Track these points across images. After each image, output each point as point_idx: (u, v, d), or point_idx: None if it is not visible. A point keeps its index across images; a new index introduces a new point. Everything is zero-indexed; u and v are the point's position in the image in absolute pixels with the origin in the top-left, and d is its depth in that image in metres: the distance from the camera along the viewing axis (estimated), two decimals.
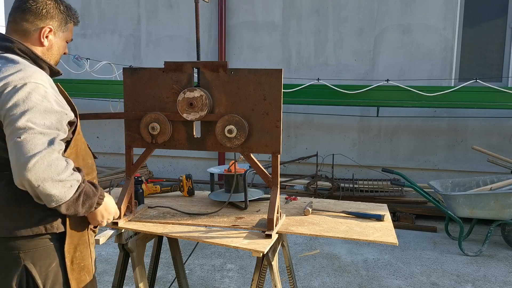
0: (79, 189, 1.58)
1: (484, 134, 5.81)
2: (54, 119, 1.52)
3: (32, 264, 1.61)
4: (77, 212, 1.60)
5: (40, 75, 1.56)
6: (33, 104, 1.48)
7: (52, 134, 1.50)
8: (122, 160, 6.66)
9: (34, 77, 1.53)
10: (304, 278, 3.83)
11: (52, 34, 1.70)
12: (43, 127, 1.48)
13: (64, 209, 1.55)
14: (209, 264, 4.08)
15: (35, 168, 1.43)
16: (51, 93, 1.56)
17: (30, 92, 1.49)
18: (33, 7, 1.65)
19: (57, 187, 1.49)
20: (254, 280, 2.14)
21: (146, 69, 2.15)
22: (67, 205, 1.55)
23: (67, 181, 1.51)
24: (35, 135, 1.45)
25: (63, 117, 1.56)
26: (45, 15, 1.66)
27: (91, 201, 1.65)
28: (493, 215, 4.36)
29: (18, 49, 1.62)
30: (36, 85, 1.51)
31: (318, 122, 6.23)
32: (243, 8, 6.33)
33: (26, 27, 1.65)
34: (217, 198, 2.51)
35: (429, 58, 5.85)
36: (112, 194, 2.70)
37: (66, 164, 1.53)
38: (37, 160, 1.43)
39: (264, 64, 6.23)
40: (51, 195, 1.48)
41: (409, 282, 3.79)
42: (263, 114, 2.07)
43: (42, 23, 1.67)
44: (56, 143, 1.50)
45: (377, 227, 2.19)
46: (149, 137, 2.14)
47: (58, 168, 1.48)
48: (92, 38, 6.87)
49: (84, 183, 1.61)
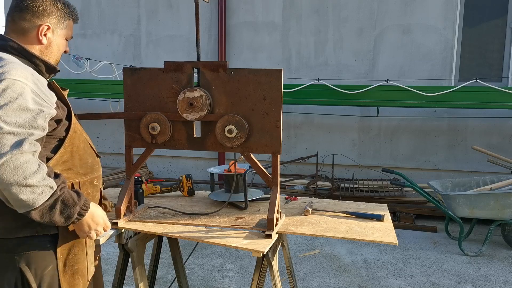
0: (53, 196, 1.50)
1: (484, 134, 5.81)
2: (29, 116, 1.47)
3: (27, 267, 1.58)
4: (54, 221, 1.52)
5: (21, 72, 1.51)
6: (6, 101, 1.43)
7: (23, 134, 1.45)
8: (122, 160, 6.66)
9: (12, 73, 1.48)
10: (304, 278, 3.83)
11: (50, 32, 1.68)
12: (14, 125, 1.43)
13: (37, 216, 1.48)
14: (209, 264, 4.08)
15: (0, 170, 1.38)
16: (31, 90, 1.50)
17: (5, 89, 1.45)
18: (30, 5, 1.63)
19: (25, 192, 1.42)
20: (254, 280, 2.14)
21: (146, 69, 2.15)
22: (39, 212, 1.48)
23: (36, 186, 1.44)
24: (3, 135, 1.41)
25: (39, 115, 1.50)
26: (42, 12, 1.65)
27: (70, 211, 1.56)
28: (493, 215, 4.36)
29: (11, 47, 1.60)
30: (13, 82, 1.46)
31: (318, 122, 6.23)
32: (243, 8, 6.33)
33: (24, 26, 1.64)
34: (217, 198, 2.50)
35: (429, 58, 5.85)
36: (112, 194, 2.70)
37: (37, 169, 1.46)
38: (3, 162, 1.38)
39: (264, 64, 6.23)
40: (19, 199, 1.43)
41: (409, 282, 3.79)
42: (263, 114, 2.07)
43: (40, 21, 1.65)
44: (26, 144, 1.44)
45: (377, 227, 2.19)
46: (149, 137, 2.14)
47: (26, 172, 1.42)
48: (92, 38, 6.87)
49: (61, 190, 1.53)
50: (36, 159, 1.48)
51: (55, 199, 1.51)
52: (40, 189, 1.46)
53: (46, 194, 1.47)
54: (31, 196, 1.44)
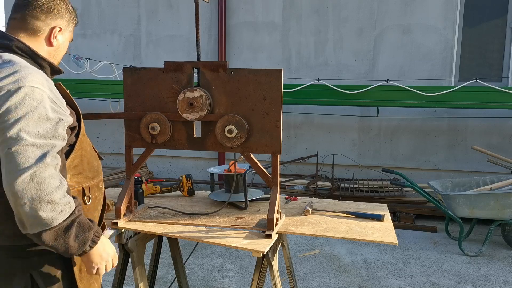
0: (71, 216, 1.41)
1: (484, 134, 5.81)
2: (49, 126, 1.40)
3: (38, 273, 1.52)
4: (68, 245, 1.41)
5: (37, 77, 1.45)
6: (26, 111, 1.37)
7: (47, 146, 1.38)
8: (122, 160, 6.66)
9: (29, 80, 1.41)
10: (304, 278, 3.83)
11: (61, 34, 1.65)
12: (36, 136, 1.36)
13: (51, 238, 1.37)
14: (209, 264, 4.08)
15: (23, 184, 1.31)
16: (48, 97, 1.44)
17: (24, 97, 1.38)
18: (45, 5, 1.58)
19: (45, 209, 1.33)
20: (254, 280, 2.14)
21: (146, 69, 2.15)
22: (54, 233, 1.37)
23: (57, 203, 1.36)
24: (27, 147, 1.34)
25: (58, 124, 1.44)
26: (57, 14, 1.61)
27: (85, 235, 1.45)
28: (493, 215, 4.36)
29: (17, 47, 1.53)
30: (31, 89, 1.40)
31: (318, 122, 6.23)
32: (243, 8, 6.33)
33: (36, 26, 1.58)
34: (217, 198, 2.51)
35: (429, 58, 5.85)
36: (112, 194, 2.70)
37: (59, 184, 1.38)
38: (27, 176, 1.32)
39: (264, 64, 6.23)
40: (37, 216, 1.33)
41: (409, 282, 3.79)
42: (263, 114, 2.07)
43: (54, 23, 1.61)
44: (49, 157, 1.38)
45: (377, 227, 2.19)
46: (149, 137, 2.14)
47: (48, 187, 1.35)
48: (92, 38, 6.87)
49: (78, 211, 1.44)
50: (58, 173, 1.40)
51: (72, 220, 1.41)
52: (60, 207, 1.37)
53: (65, 213, 1.39)
54: (50, 214, 1.35)
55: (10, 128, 1.34)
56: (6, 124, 1.35)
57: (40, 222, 1.34)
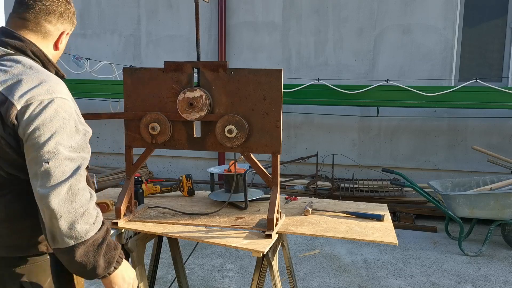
0: (101, 230, 1.40)
1: (484, 134, 5.81)
2: (80, 139, 1.41)
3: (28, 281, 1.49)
4: (96, 263, 1.38)
5: (64, 87, 1.43)
6: (60, 124, 1.35)
7: (79, 160, 1.38)
8: (122, 160, 6.66)
9: (59, 90, 1.40)
10: (304, 278, 3.83)
11: (67, 38, 1.64)
12: (70, 150, 1.36)
13: (81, 253, 1.34)
14: (209, 264, 4.08)
15: (59, 197, 1.31)
16: (74, 108, 1.44)
17: (57, 109, 1.36)
18: (58, 10, 1.55)
19: (80, 221, 1.33)
20: (254, 280, 2.14)
21: (146, 69, 2.15)
22: (86, 248, 1.35)
23: (90, 215, 1.36)
24: (63, 161, 1.33)
25: (86, 135, 1.44)
26: (66, 19, 1.60)
27: (112, 253, 1.43)
28: (493, 215, 4.36)
29: (31, 51, 1.48)
30: (62, 101, 1.38)
31: (318, 122, 6.23)
32: (243, 8, 6.33)
33: (48, 29, 1.55)
34: (217, 198, 2.51)
35: (429, 58, 5.85)
36: (112, 194, 2.70)
37: (90, 197, 1.39)
38: (64, 189, 1.32)
39: (264, 64, 6.23)
40: (72, 229, 1.32)
41: (409, 282, 3.79)
42: (263, 114, 2.07)
43: (63, 27, 1.59)
44: (82, 170, 1.38)
45: (377, 227, 2.19)
46: (149, 137, 2.14)
47: (82, 199, 1.35)
48: (92, 38, 6.87)
49: (107, 226, 1.43)
50: (87, 186, 1.41)
51: (103, 236, 1.40)
52: (93, 219, 1.37)
53: (97, 226, 1.38)
54: (84, 226, 1.34)
55: (46, 143, 1.32)
56: (41, 138, 1.33)
57: (74, 235, 1.33)
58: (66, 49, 6.80)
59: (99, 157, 6.98)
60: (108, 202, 2.38)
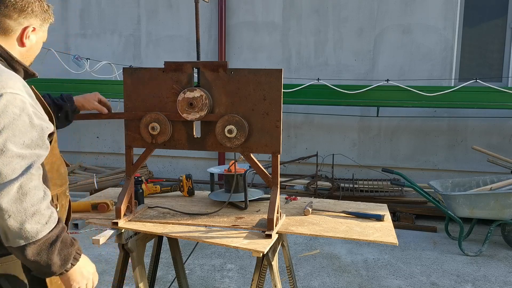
0: (56, 229, 1.35)
1: (484, 134, 5.81)
2: (35, 135, 1.35)
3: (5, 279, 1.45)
4: (51, 261, 1.34)
5: (17, 82, 1.37)
6: (10, 120, 1.30)
7: (32, 157, 1.33)
8: (122, 160, 6.66)
9: (10, 85, 1.34)
10: (304, 278, 3.83)
11: (34, 33, 1.55)
12: (22, 146, 1.31)
13: (33, 252, 1.31)
14: (209, 264, 4.08)
15: (9, 196, 1.27)
16: (29, 103, 1.37)
17: (7, 105, 1.31)
18: (18, 3, 1.49)
19: (30, 221, 1.29)
20: (254, 280, 2.14)
21: (146, 69, 2.15)
22: (38, 247, 1.31)
23: (42, 215, 1.32)
24: (12, 159, 1.29)
25: (43, 131, 1.38)
26: (30, 13, 1.51)
27: (68, 251, 1.39)
28: (493, 215, 4.36)
29: None
30: (13, 96, 1.33)
31: (318, 122, 6.23)
32: (243, 8, 6.33)
33: (8, 25, 1.48)
34: (217, 198, 2.51)
35: (429, 58, 5.85)
36: (112, 194, 2.70)
37: (43, 195, 1.34)
38: (13, 188, 1.27)
39: (264, 64, 6.23)
40: (21, 229, 1.28)
41: (409, 282, 3.79)
42: (263, 114, 2.07)
43: (27, 22, 1.51)
44: (35, 168, 1.33)
45: (377, 227, 2.19)
46: (149, 137, 2.14)
47: (33, 198, 1.30)
48: (92, 38, 6.87)
49: (62, 224, 1.39)
50: (42, 184, 1.36)
51: (57, 234, 1.36)
52: (45, 218, 1.33)
53: (50, 225, 1.34)
54: (35, 226, 1.30)
55: None
56: None
57: (24, 235, 1.30)
58: (66, 49, 6.83)
59: (99, 157, 6.99)
60: (108, 202, 2.38)
